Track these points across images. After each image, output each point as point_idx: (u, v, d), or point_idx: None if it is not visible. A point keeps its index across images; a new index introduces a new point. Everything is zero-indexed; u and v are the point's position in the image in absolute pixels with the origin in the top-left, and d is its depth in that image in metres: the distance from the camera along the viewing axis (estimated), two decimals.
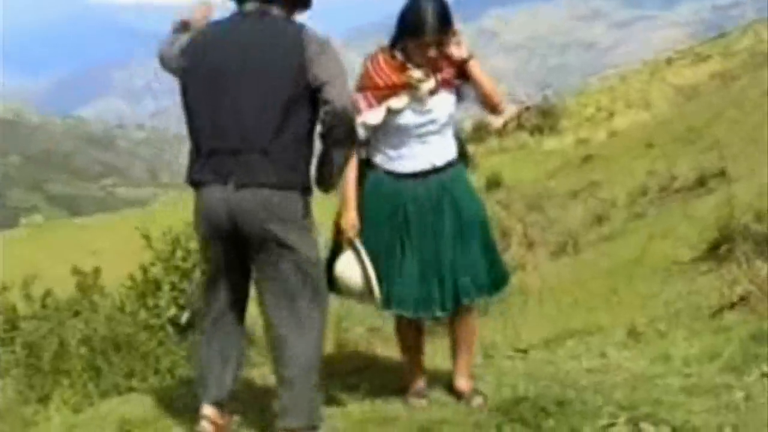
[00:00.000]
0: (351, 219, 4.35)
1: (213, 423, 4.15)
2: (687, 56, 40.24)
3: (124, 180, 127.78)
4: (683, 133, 15.94)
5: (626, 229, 10.37)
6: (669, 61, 41.30)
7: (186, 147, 4.09)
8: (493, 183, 17.93)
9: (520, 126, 29.25)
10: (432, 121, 4.38)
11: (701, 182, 10.73)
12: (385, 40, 4.38)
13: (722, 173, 10.21)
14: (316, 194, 4.12)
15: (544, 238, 10.54)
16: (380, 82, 4.32)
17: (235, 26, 4.03)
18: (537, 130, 28.89)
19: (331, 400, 4.53)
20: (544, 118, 29.97)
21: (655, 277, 7.33)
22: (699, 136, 14.67)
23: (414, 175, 4.39)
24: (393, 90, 4.32)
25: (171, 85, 4.14)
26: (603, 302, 7.08)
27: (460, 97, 4.47)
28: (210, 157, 3.94)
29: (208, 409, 4.17)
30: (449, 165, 4.45)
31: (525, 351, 5.53)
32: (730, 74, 25.35)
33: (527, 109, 30.40)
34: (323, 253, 4.27)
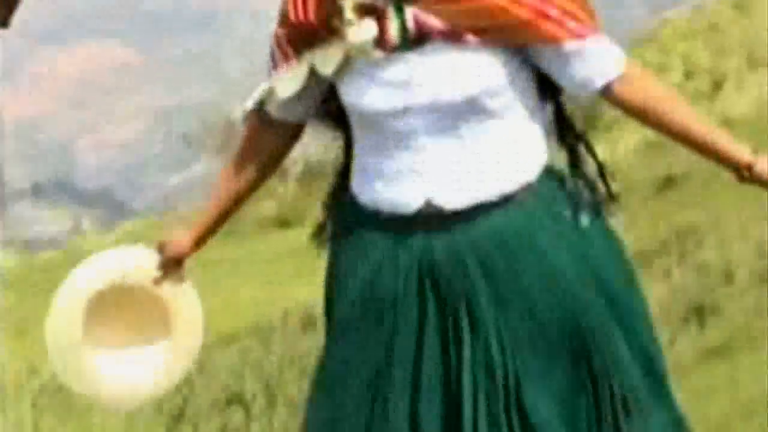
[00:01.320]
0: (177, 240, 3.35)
1: None
2: None
3: None
4: None
5: None
6: None
7: None
8: None
9: None
10: (416, 108, 2.99)
11: None
12: None
13: None
14: None
15: None
16: (293, 18, 3.13)
17: None
18: None
19: None
20: None
21: None
22: None
23: (406, 223, 3.05)
24: (314, 35, 3.10)
25: None
26: None
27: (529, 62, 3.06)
28: None
29: None
30: (494, 206, 3.00)
31: None
32: None
33: None
34: None
